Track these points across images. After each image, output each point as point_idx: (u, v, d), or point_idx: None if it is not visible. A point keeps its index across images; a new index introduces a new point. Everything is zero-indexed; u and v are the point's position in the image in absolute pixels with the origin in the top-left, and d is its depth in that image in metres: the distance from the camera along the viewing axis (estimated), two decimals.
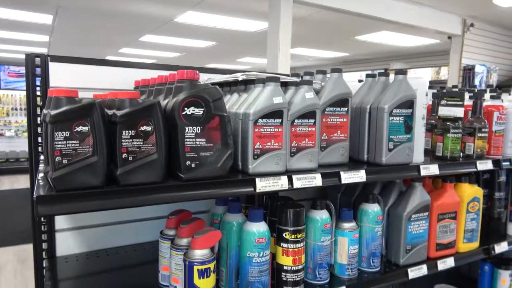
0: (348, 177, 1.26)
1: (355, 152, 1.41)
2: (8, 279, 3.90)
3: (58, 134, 0.85)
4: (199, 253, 1.08)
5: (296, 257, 1.22)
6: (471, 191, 1.62)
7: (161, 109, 0.96)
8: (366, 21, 5.54)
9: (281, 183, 1.13)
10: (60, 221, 1.49)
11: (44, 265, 1.44)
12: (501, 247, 1.76)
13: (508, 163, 1.68)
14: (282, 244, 1.22)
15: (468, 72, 5.90)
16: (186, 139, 0.99)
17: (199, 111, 1.00)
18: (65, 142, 0.86)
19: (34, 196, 0.82)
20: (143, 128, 0.94)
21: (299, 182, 1.16)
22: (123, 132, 0.91)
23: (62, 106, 0.86)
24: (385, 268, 1.48)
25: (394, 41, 7.43)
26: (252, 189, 1.08)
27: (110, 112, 0.96)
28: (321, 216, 1.31)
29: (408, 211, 1.46)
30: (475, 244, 1.67)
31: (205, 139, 1.01)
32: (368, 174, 1.29)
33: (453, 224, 1.58)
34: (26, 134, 9.24)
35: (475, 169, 1.58)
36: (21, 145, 9.10)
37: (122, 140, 0.92)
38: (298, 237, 1.22)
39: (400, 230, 1.47)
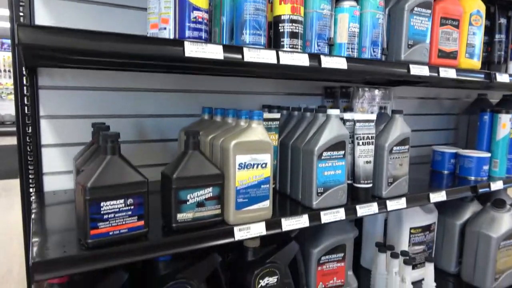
0: None
1: None
2: None
3: None
4: None
5: (294, 5, 1.14)
6: (474, 2, 1.56)
7: None
8: None
9: None
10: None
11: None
12: (502, 78, 1.71)
13: None
14: None
15: None
16: None
17: None
18: None
19: None
20: None
21: None
22: None
23: None
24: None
25: None
26: None
27: None
28: None
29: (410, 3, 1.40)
30: (476, 63, 1.61)
31: None
32: None
33: (455, 33, 1.52)
34: (10, 96, 9.02)
35: None
36: (6, 108, 8.85)
37: None
38: None
39: (402, 24, 1.40)
